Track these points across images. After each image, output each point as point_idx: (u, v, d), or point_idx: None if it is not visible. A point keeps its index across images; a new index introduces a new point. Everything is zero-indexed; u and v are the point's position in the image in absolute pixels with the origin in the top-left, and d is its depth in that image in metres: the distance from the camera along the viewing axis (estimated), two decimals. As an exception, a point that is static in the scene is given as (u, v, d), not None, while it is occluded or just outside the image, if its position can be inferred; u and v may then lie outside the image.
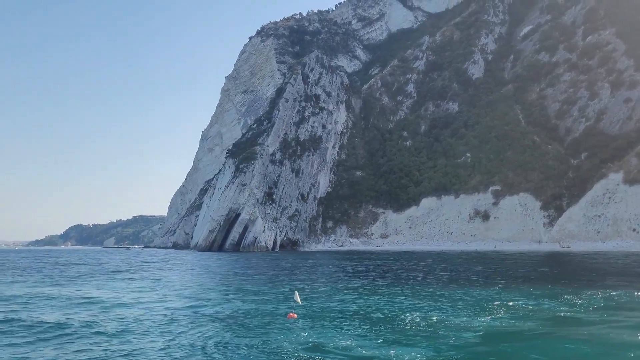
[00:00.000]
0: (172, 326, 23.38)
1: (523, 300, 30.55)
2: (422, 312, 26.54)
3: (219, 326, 23.36)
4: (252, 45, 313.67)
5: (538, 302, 29.77)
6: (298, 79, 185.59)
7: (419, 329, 21.90)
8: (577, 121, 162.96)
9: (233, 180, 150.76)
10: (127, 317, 25.85)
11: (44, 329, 22.82)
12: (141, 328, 22.86)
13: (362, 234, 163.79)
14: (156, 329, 22.65)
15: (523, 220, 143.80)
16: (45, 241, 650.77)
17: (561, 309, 27.07)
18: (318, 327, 22.75)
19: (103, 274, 57.08)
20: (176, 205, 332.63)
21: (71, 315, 26.26)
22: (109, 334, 21.70)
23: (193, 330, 22.51)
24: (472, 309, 27.23)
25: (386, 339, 20.05)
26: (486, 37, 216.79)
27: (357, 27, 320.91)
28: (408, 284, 42.35)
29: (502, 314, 25.65)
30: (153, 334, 21.62)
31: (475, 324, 22.93)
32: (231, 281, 46.26)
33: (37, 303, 31.60)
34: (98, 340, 20.61)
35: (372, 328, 22.36)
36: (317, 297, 33.19)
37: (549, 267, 63.85)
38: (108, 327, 23.07)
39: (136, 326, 23.30)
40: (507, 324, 23.02)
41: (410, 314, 25.92)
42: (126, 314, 26.91)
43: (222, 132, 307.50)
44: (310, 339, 20.23)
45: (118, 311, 27.96)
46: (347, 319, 24.94)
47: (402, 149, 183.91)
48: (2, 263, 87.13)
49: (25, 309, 28.97)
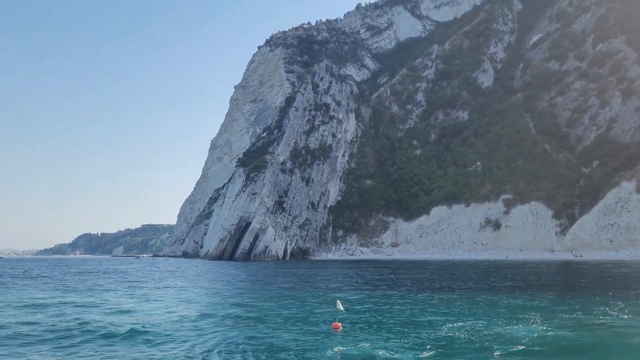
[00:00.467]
0: (223, 337, 23.41)
1: (558, 308, 30.61)
2: (461, 321, 26.60)
3: (267, 335, 23.43)
4: (261, 55, 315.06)
5: (573, 310, 29.81)
6: (308, 88, 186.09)
7: (463, 339, 21.92)
8: (588, 129, 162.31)
9: (244, 189, 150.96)
10: (178, 325, 26.11)
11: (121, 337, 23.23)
12: (195, 335, 22.80)
13: (373, 243, 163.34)
14: (208, 341, 22.53)
15: (535, 229, 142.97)
16: (54, 250, 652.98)
17: (600, 318, 27.04)
18: (365, 337, 22.71)
19: (134, 284, 56.96)
20: (185, 214, 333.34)
21: (135, 324, 26.53)
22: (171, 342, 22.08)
23: (245, 342, 22.29)
24: (509, 318, 27.25)
25: (437, 351, 19.99)
26: (495, 45, 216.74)
27: (366, 37, 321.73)
28: (436, 292, 42.59)
29: (541, 323, 25.66)
30: (201, 345, 21.59)
31: (518, 334, 22.91)
32: (261, 291, 45.75)
33: (93, 311, 31.98)
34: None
35: (419, 338, 22.35)
36: (355, 306, 33.12)
37: (571, 276, 63.52)
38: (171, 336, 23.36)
39: (192, 334, 23.36)
40: (553, 334, 22.91)
41: (451, 322, 26.01)
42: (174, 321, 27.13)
43: (231, 141, 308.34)
44: (361, 350, 20.19)
45: (164, 319, 28.03)
46: (390, 328, 24.95)
47: (412, 158, 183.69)
48: (30, 273, 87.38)
49: (93, 318, 29.13)
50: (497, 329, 24.10)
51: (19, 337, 23.12)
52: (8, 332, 24.10)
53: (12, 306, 34.70)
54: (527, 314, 28.68)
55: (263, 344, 21.49)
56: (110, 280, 62.91)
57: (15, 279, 67.66)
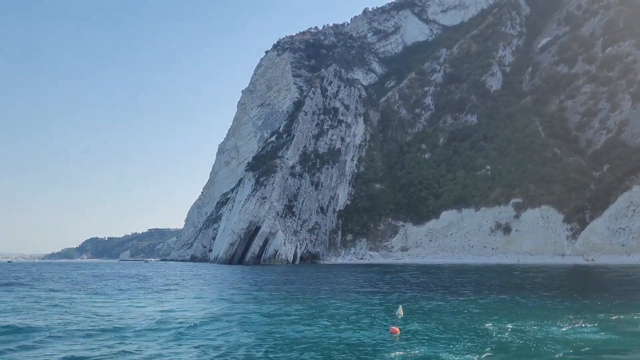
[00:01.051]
0: (284, 340, 23.43)
1: (596, 312, 30.63)
2: (509, 323, 26.82)
3: (329, 338, 23.52)
4: (269, 59, 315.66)
5: (609, 313, 29.80)
6: (317, 92, 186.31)
7: (519, 342, 22.15)
8: (598, 133, 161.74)
9: (253, 193, 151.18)
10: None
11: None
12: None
13: (382, 247, 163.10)
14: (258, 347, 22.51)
15: (545, 233, 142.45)
16: (62, 254, 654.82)
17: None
18: (424, 341, 22.77)
19: (159, 288, 57.12)
20: (193, 218, 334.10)
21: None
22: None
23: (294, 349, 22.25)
24: (552, 320, 27.47)
25: (497, 354, 20.22)
26: (504, 49, 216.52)
27: (373, 41, 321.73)
28: (475, 295, 43.03)
29: (593, 325, 25.93)
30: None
31: (572, 336, 23.18)
32: (297, 295, 45.51)
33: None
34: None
35: (474, 342, 22.47)
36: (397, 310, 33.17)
37: (592, 281, 63.11)
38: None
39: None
40: (608, 337, 23.08)
41: (496, 325, 26.31)
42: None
43: (239, 145, 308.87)
44: (421, 354, 20.33)
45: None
46: (445, 332, 25.10)
47: (421, 162, 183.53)
48: (54, 277, 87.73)
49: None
50: (551, 331, 24.40)
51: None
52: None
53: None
54: (571, 316, 29.08)
55: (326, 348, 21.60)
56: (140, 284, 63.08)
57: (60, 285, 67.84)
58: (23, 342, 22.72)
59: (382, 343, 22.50)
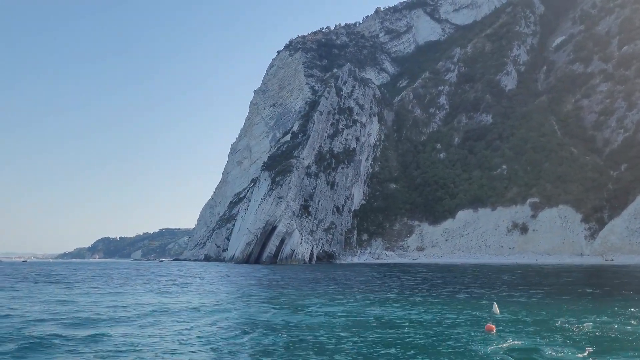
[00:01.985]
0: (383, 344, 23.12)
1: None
2: (591, 320, 27.33)
3: (420, 339, 23.50)
4: (281, 59, 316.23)
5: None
6: (332, 92, 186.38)
7: (610, 337, 22.79)
8: (615, 132, 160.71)
9: (270, 193, 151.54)
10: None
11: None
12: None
13: (398, 247, 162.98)
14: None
15: (563, 233, 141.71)
16: (74, 254, 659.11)
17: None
18: (518, 337, 22.91)
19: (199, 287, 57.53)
20: (205, 218, 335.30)
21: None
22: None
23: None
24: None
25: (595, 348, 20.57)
26: (518, 48, 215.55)
27: (385, 40, 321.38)
28: (541, 294, 42.99)
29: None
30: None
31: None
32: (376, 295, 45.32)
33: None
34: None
35: (570, 338, 22.85)
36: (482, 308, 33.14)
37: (627, 280, 62.77)
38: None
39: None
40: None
41: (586, 322, 26.89)
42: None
43: (251, 145, 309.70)
44: (519, 350, 20.52)
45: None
46: (536, 328, 25.32)
47: (436, 161, 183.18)
48: (93, 276, 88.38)
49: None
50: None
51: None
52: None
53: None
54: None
55: (423, 347, 21.72)
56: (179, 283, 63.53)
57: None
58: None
59: (480, 340, 22.66)
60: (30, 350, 20.84)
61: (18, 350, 20.84)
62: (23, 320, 29.15)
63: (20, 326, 26.73)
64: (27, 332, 24.62)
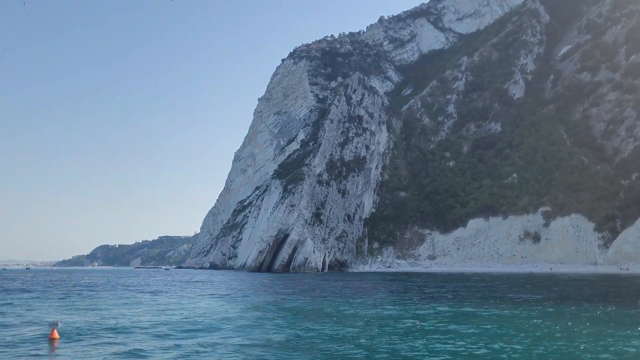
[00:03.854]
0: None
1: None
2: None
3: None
4: (285, 67, 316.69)
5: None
6: (342, 100, 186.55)
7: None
8: (625, 141, 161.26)
9: (282, 201, 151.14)
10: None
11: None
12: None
13: (409, 255, 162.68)
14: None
15: (576, 242, 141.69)
16: (73, 261, 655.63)
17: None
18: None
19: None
20: (208, 226, 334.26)
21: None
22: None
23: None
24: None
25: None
26: (525, 57, 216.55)
27: (389, 49, 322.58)
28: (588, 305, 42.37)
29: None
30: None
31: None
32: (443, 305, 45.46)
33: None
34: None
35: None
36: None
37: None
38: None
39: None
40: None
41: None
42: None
43: (255, 153, 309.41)
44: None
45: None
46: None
47: (446, 170, 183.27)
48: (113, 284, 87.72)
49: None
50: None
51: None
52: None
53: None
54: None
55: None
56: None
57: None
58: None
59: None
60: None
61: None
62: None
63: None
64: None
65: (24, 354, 22.62)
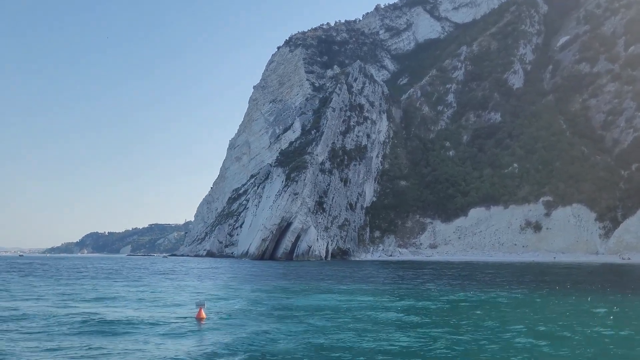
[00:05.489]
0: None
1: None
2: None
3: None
4: (281, 55, 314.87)
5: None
6: (343, 89, 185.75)
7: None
8: (625, 132, 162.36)
9: (285, 189, 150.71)
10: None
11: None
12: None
13: (411, 244, 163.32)
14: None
15: (577, 232, 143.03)
16: (62, 249, 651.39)
17: None
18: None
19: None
20: (202, 214, 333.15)
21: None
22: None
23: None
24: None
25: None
26: (524, 47, 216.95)
27: (385, 37, 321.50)
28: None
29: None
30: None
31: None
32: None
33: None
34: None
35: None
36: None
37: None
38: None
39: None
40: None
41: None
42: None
43: (250, 141, 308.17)
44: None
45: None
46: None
47: (446, 159, 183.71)
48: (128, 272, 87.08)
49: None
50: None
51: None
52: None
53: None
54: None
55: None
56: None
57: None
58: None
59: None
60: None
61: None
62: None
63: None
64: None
65: (176, 330, 24.59)
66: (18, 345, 20.82)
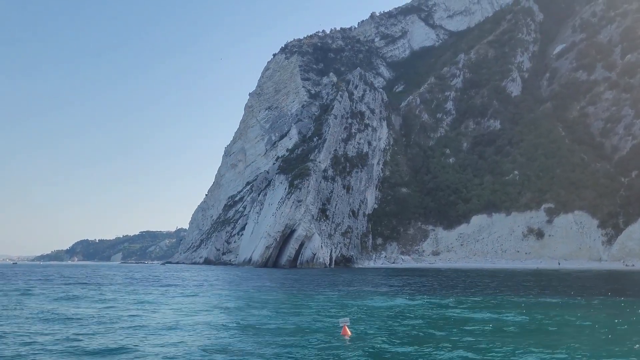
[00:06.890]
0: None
1: None
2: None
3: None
4: (276, 62, 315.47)
5: None
6: (344, 96, 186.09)
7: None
8: (624, 139, 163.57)
9: (288, 196, 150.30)
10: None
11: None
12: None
13: (414, 251, 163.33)
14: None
15: (580, 239, 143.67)
16: (51, 256, 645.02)
17: None
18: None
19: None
20: (197, 221, 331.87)
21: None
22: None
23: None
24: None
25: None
26: (522, 55, 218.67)
27: (380, 45, 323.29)
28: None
29: None
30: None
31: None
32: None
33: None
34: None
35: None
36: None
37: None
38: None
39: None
40: None
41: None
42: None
43: (246, 148, 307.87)
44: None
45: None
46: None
47: (446, 166, 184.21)
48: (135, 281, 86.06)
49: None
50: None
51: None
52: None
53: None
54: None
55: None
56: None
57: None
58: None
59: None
60: None
61: None
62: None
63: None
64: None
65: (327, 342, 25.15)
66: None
